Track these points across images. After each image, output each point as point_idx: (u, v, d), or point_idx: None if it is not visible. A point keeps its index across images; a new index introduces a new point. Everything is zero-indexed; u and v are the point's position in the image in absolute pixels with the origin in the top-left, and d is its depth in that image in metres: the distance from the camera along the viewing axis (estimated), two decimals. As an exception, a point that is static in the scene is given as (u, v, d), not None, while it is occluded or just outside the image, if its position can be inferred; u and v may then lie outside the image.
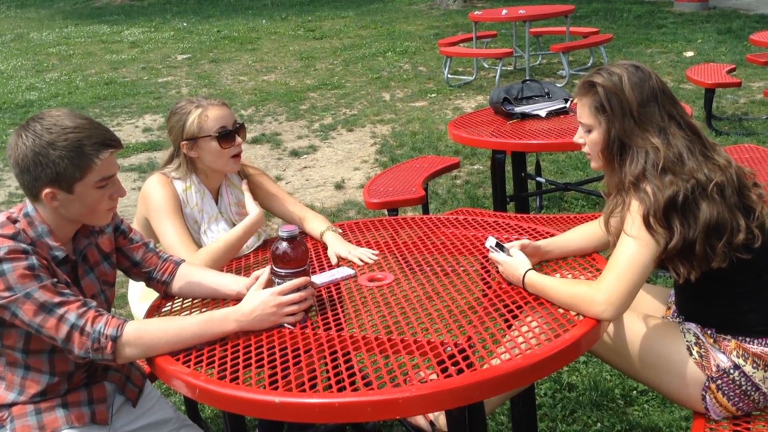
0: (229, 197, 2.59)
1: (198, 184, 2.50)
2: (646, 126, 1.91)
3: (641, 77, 1.94)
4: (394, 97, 8.41)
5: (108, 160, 1.83)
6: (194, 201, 2.49)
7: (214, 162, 2.45)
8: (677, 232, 1.82)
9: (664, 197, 1.82)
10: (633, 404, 2.86)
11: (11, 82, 10.75)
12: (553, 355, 1.64)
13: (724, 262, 1.86)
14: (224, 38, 13.18)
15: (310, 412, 1.55)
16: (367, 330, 1.84)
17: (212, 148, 2.42)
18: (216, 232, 2.49)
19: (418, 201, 3.88)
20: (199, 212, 2.49)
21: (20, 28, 16.31)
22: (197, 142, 2.42)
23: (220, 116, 2.42)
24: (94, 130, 1.81)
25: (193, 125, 2.40)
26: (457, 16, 13.65)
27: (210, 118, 2.40)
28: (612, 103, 1.93)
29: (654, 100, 1.92)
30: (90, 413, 1.95)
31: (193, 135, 2.41)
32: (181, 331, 1.82)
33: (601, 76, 1.96)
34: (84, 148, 1.78)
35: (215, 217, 2.52)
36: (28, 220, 1.84)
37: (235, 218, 2.57)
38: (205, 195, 2.51)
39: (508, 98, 4.06)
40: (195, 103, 2.43)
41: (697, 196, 1.83)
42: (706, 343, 1.96)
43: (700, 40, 9.94)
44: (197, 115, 2.40)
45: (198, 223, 2.50)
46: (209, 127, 2.40)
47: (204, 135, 2.41)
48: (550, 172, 5.50)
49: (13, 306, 1.74)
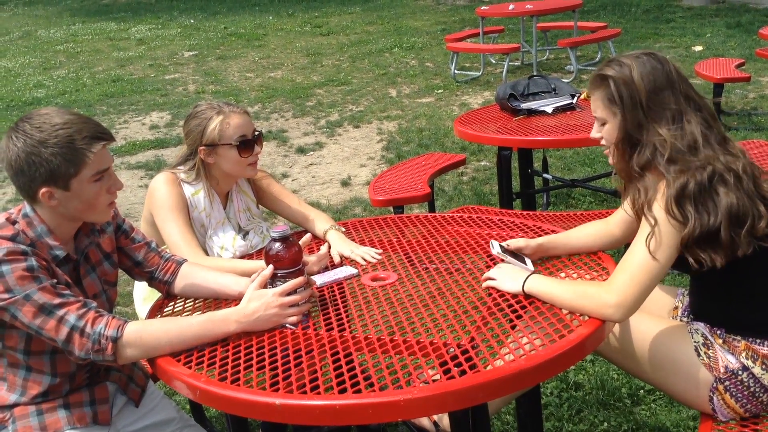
0: (239, 203, 2.58)
1: (208, 189, 2.49)
2: (656, 116, 1.88)
3: (653, 65, 1.91)
4: (400, 93, 8.38)
5: (101, 153, 1.81)
6: (203, 205, 2.47)
7: (232, 169, 2.45)
8: (693, 220, 1.77)
9: (674, 188, 1.79)
10: (640, 404, 2.84)
11: (19, 80, 10.78)
12: (557, 356, 1.62)
13: (749, 249, 1.81)
14: (231, 35, 13.17)
15: (310, 414, 1.53)
16: (369, 330, 1.82)
17: (231, 156, 2.41)
18: (222, 237, 2.48)
19: (423, 198, 3.86)
20: (207, 217, 2.48)
21: (28, 26, 16.35)
22: (216, 149, 2.41)
23: (241, 124, 2.41)
24: (83, 125, 1.79)
25: (214, 132, 2.38)
26: (464, 11, 13.60)
27: (231, 125, 2.39)
28: (623, 95, 1.90)
29: (668, 86, 1.89)
30: (92, 414, 1.94)
31: (213, 142, 2.39)
32: (182, 332, 1.81)
33: (612, 68, 1.93)
34: (75, 143, 1.76)
35: (222, 221, 2.51)
36: (27, 221, 1.83)
37: (243, 224, 2.56)
38: (214, 200, 2.50)
39: (514, 94, 4.03)
40: (216, 109, 2.42)
41: (714, 183, 1.80)
42: (714, 344, 1.93)
43: (709, 35, 9.87)
44: (219, 122, 2.38)
45: (205, 228, 2.48)
46: (230, 135, 2.39)
47: (225, 143, 2.39)
48: (558, 169, 5.47)
49: (12, 308, 1.73)
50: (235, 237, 2.50)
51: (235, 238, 2.49)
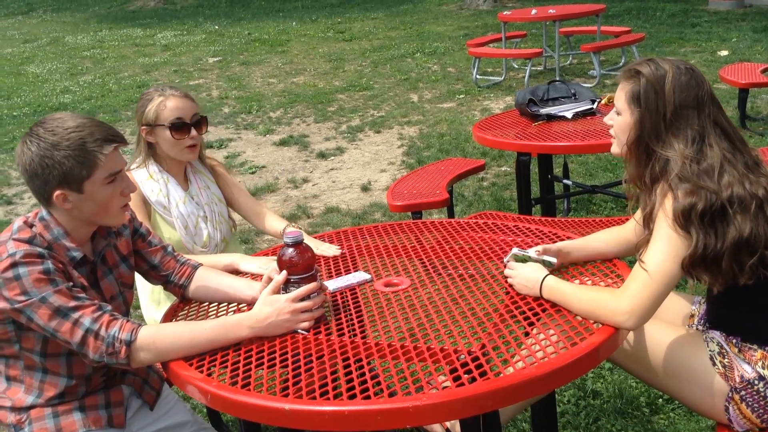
0: (198, 182, 2.68)
1: (159, 172, 2.59)
2: (677, 130, 1.84)
3: (688, 80, 1.86)
4: (422, 98, 8.38)
5: (113, 156, 1.84)
6: (157, 188, 2.57)
7: (170, 150, 2.56)
8: (696, 240, 1.76)
9: (681, 204, 1.77)
10: (658, 413, 2.80)
11: (46, 85, 10.95)
12: (569, 364, 1.61)
13: (751, 280, 1.80)
14: (255, 41, 13.27)
15: (319, 420, 1.53)
16: (380, 336, 1.82)
17: (167, 137, 2.52)
18: (177, 216, 2.56)
19: (441, 204, 3.85)
20: (164, 197, 2.57)
21: (56, 32, 16.61)
22: (154, 129, 2.53)
23: (178, 107, 2.52)
24: (95, 128, 1.83)
25: (151, 112, 2.51)
26: (486, 16, 13.57)
27: (168, 107, 2.51)
28: (648, 98, 1.87)
29: (696, 107, 1.84)
30: (107, 416, 1.96)
31: (149, 122, 2.52)
32: (195, 337, 1.82)
33: (648, 67, 1.89)
34: (87, 145, 1.79)
35: (183, 199, 2.60)
36: (44, 224, 1.85)
37: (208, 200, 2.66)
38: (168, 181, 2.60)
39: (533, 100, 4.02)
40: (159, 91, 2.55)
41: (726, 212, 1.76)
42: (730, 353, 1.90)
43: (735, 39, 9.75)
44: (157, 104, 2.51)
45: (167, 208, 2.58)
46: (165, 116, 2.51)
47: (159, 123, 2.51)
48: (579, 174, 5.43)
49: (28, 310, 1.75)
50: (185, 200, 2.61)
51: (185, 201, 2.60)
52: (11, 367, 1.91)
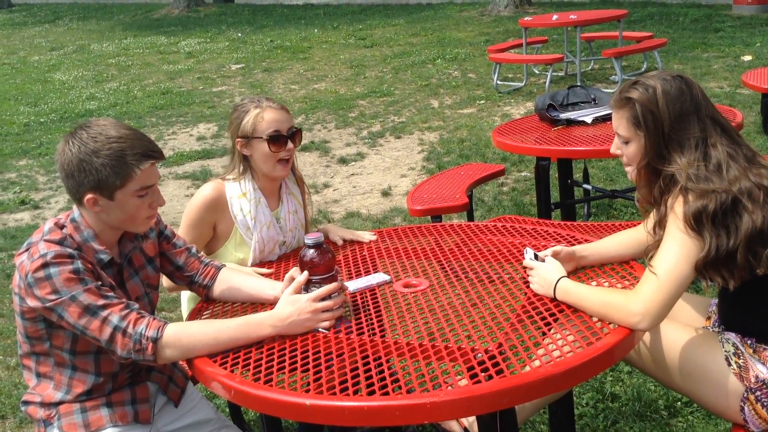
0: (289, 205, 2.62)
1: (254, 191, 2.52)
2: (677, 145, 1.89)
3: (678, 87, 1.90)
4: (442, 104, 8.42)
5: (148, 171, 1.89)
6: (247, 208, 2.50)
7: (263, 164, 2.49)
8: (708, 242, 1.79)
9: (692, 207, 1.79)
10: (677, 416, 2.81)
11: (72, 92, 11.13)
12: (585, 363, 1.64)
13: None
14: (277, 48, 13.39)
15: (339, 415, 1.58)
16: (399, 335, 1.86)
17: (263, 150, 2.46)
18: (257, 241, 2.50)
19: (461, 208, 3.88)
20: (251, 220, 2.50)
21: (81, 40, 16.86)
22: (250, 141, 2.47)
23: (275, 119, 2.46)
24: (137, 141, 1.88)
25: (248, 124, 2.45)
26: (508, 22, 13.57)
27: (265, 119, 2.45)
28: (647, 120, 1.91)
29: (694, 111, 1.89)
30: (133, 412, 2.02)
31: (247, 134, 2.46)
32: (219, 335, 1.87)
33: (637, 91, 1.93)
34: (126, 158, 1.85)
35: (268, 223, 2.53)
36: (75, 225, 1.92)
37: (293, 226, 2.60)
38: (259, 203, 2.52)
39: (553, 104, 4.04)
40: (255, 102, 2.49)
41: (738, 205, 1.80)
42: (745, 354, 1.92)
43: (759, 44, 9.67)
44: (254, 115, 2.45)
45: (251, 231, 2.51)
46: (263, 128, 2.45)
47: (257, 136, 2.46)
48: (600, 179, 5.43)
49: (59, 308, 1.81)
50: (270, 224, 2.54)
51: (269, 226, 2.53)
52: (41, 364, 1.98)
